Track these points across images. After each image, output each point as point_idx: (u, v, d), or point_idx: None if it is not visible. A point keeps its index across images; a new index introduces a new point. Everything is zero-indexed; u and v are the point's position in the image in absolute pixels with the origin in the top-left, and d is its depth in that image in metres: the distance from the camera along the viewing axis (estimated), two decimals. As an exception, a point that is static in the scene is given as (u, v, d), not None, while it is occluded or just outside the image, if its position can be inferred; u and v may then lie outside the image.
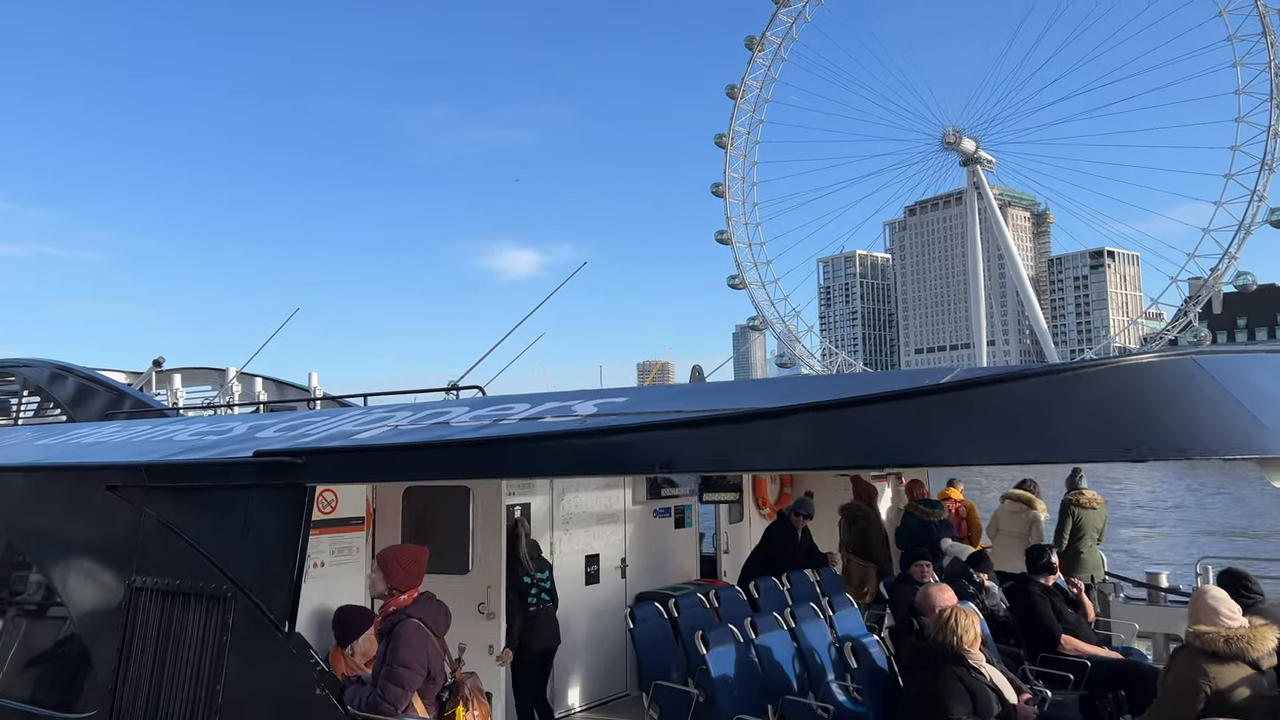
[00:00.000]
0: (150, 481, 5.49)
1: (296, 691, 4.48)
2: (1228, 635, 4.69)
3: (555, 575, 7.93)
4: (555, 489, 8.09)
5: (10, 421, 10.94)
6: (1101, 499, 9.54)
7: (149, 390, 11.53)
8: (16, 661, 6.10)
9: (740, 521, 10.03)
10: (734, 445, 3.95)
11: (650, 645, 6.61)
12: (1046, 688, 6.52)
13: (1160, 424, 3.56)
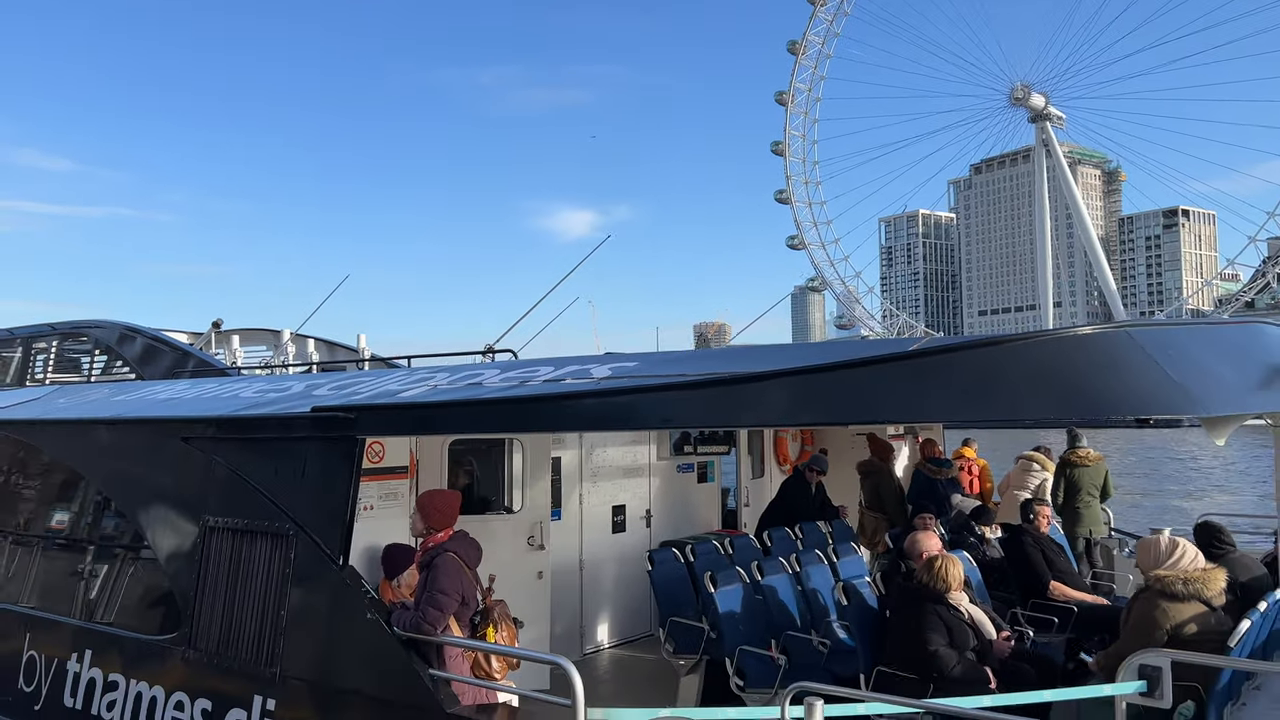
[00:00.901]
0: (219, 434, 6.32)
1: (350, 616, 5.29)
2: (1185, 577, 5.29)
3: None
4: (584, 444, 8.85)
5: (83, 378, 11.96)
6: (1098, 455, 10.06)
7: (209, 350, 12.48)
8: (107, 593, 7.04)
9: (762, 477, 10.73)
10: (726, 404, 4.63)
11: (667, 585, 7.38)
12: (1035, 630, 7.18)
13: (1092, 388, 4.15)
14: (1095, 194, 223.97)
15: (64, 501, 7.74)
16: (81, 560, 7.31)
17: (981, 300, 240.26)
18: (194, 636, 6.00)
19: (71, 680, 6.72)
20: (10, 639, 7.36)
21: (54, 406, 8.52)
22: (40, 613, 7.30)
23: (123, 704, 6.31)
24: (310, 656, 5.40)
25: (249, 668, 5.61)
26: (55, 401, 8.74)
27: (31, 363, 12.65)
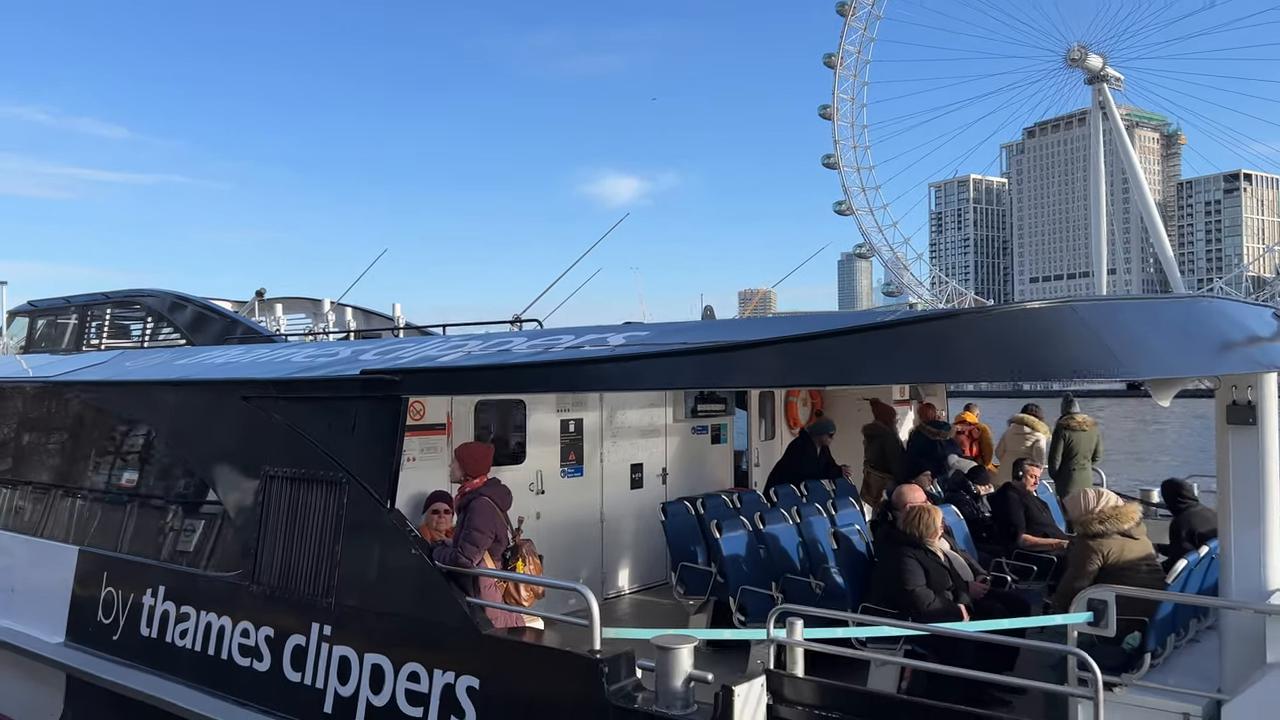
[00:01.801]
0: (277, 394, 7.24)
1: (397, 552, 6.18)
2: (1100, 516, 6.10)
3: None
4: (605, 407, 9.71)
5: (136, 344, 12.96)
6: (1091, 422, 10.80)
7: (252, 317, 13.45)
8: (177, 536, 8.04)
9: (773, 439, 11.56)
10: (721, 368, 5.45)
11: (678, 534, 8.26)
12: (1017, 577, 7.98)
13: (1038, 354, 4.90)
14: (1153, 158, 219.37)
15: (136, 455, 8.74)
16: (153, 508, 8.30)
17: (1033, 267, 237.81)
18: (257, 573, 6.95)
19: (147, 613, 7.71)
20: (90, 579, 8.38)
21: (121, 369, 9.50)
22: (117, 554, 8.31)
23: (194, 633, 7.28)
24: (361, 588, 6.31)
25: (307, 599, 6.54)
26: (122, 365, 9.72)
27: (87, 330, 13.66)
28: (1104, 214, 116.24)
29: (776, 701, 4.83)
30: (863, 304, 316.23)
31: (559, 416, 9.29)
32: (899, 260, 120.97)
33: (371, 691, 6.03)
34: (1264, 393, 5.58)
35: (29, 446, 10.03)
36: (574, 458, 9.43)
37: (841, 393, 11.77)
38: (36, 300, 15.00)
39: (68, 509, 9.12)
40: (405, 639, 6.00)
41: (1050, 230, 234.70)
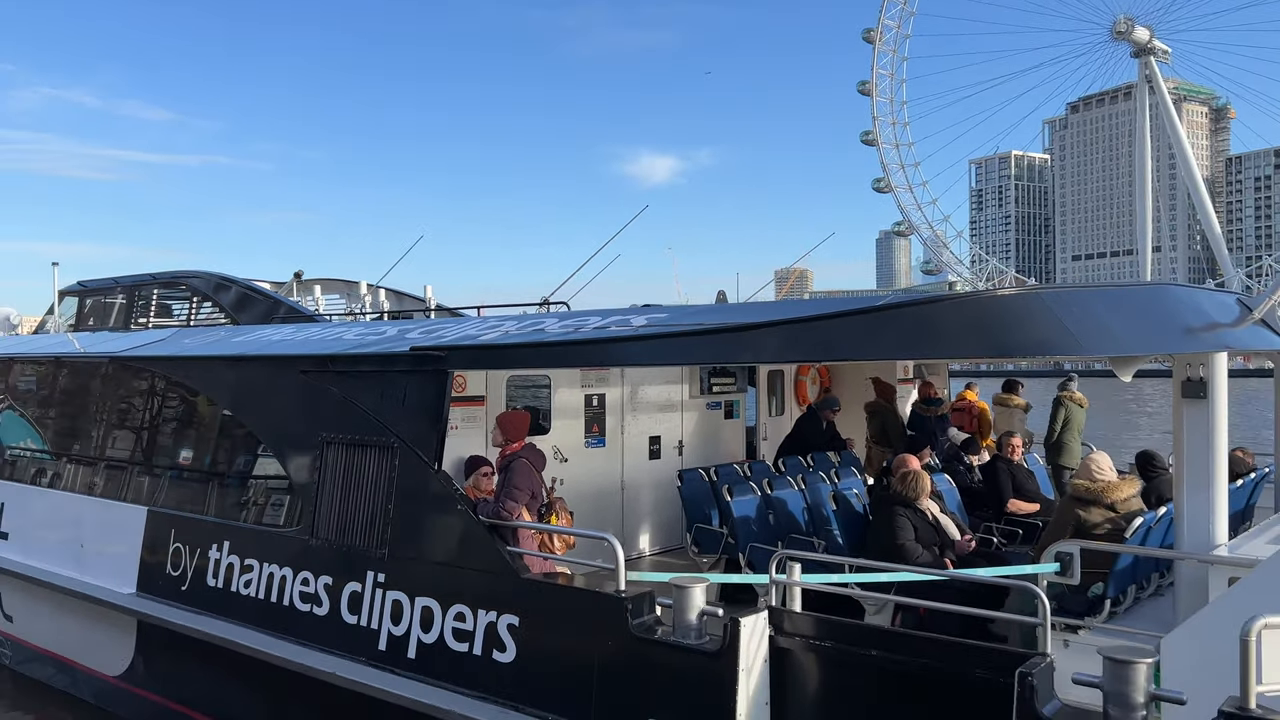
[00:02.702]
0: (333, 368, 8.05)
1: (445, 507, 6.99)
2: (1090, 485, 6.83)
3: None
4: (626, 383, 10.49)
5: (181, 323, 13.76)
6: (1084, 398, 11.56)
7: (291, 298, 14.26)
8: (240, 496, 8.89)
9: (782, 415, 12.33)
10: (731, 346, 6.23)
11: (693, 499, 9.06)
12: (1004, 540, 8.75)
13: (1008, 336, 5.64)
14: (1201, 132, 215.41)
15: (200, 424, 9.59)
16: (216, 472, 9.16)
17: (1076, 245, 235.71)
18: (315, 527, 7.78)
19: (213, 566, 8.57)
20: (158, 536, 9.24)
21: (181, 346, 10.34)
22: (184, 514, 9.16)
23: (258, 583, 8.13)
24: (412, 539, 7.12)
25: (362, 550, 7.36)
26: (181, 342, 10.56)
27: (135, 309, 14.46)
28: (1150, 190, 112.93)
29: (777, 633, 5.61)
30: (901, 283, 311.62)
31: (583, 391, 10.08)
32: (938, 238, 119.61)
33: (422, 630, 6.85)
34: (1214, 370, 6.32)
35: (95, 417, 10.89)
36: (597, 430, 10.22)
37: (849, 372, 12.53)
38: (85, 280, 15.81)
39: (136, 474, 9.98)
40: (452, 584, 6.80)
41: (1094, 207, 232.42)
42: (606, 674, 5.91)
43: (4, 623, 11.43)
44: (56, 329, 15.48)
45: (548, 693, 6.13)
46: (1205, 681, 4.21)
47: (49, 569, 10.29)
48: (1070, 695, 4.78)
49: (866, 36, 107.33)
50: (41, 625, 10.79)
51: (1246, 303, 6.86)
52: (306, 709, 7.66)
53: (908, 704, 5.23)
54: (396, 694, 6.65)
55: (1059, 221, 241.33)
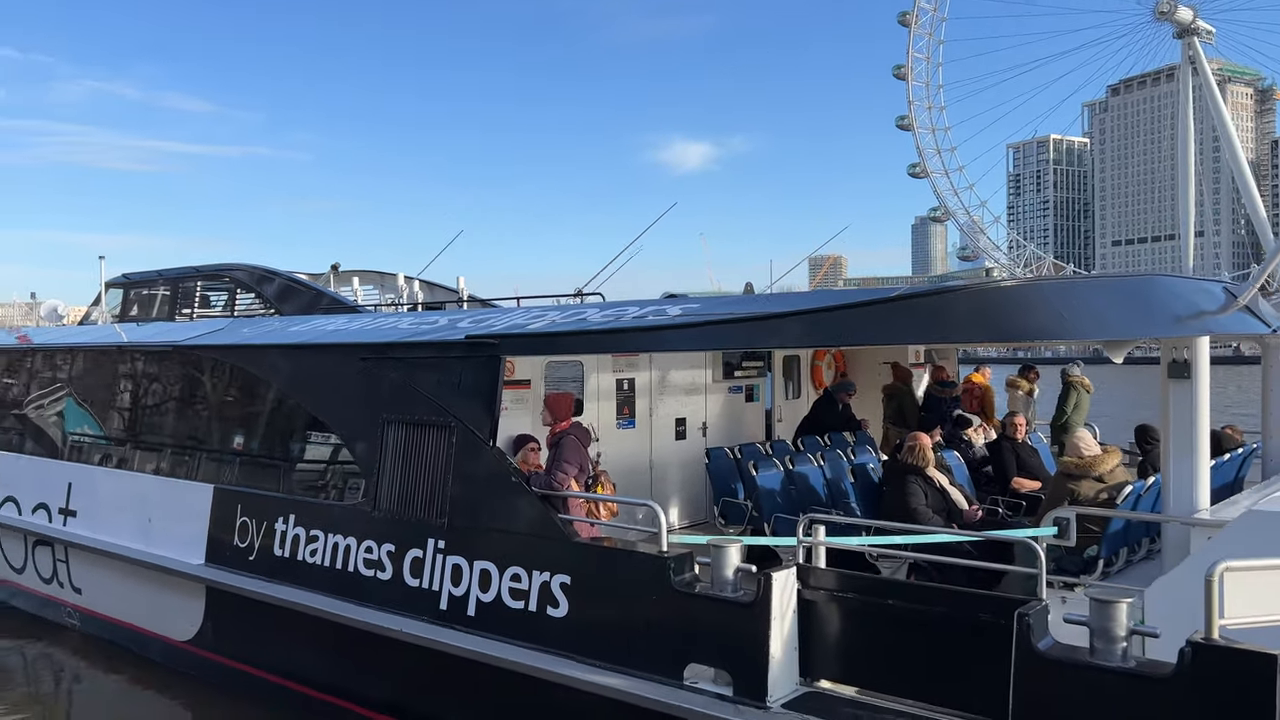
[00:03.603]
0: (391, 355, 8.78)
1: (500, 479, 7.71)
2: (1078, 460, 7.54)
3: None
4: (654, 368, 11.20)
5: (225, 314, 14.44)
6: (1091, 384, 12.29)
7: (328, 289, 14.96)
8: (306, 474, 9.63)
9: (799, 398, 13.05)
10: (759, 333, 6.94)
11: (720, 474, 9.79)
12: (1009, 511, 9.45)
13: (1009, 322, 6.34)
14: (1246, 114, 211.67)
15: (264, 408, 10.32)
16: (280, 452, 9.91)
17: (1116, 230, 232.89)
18: (377, 500, 8.51)
19: (279, 537, 9.31)
20: (225, 511, 9.98)
21: (241, 335, 11.06)
22: (250, 490, 9.91)
23: (323, 551, 8.87)
24: (471, 508, 7.84)
25: (423, 519, 8.09)
26: (239, 331, 11.28)
27: (179, 300, 15.16)
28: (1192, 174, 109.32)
29: (804, 587, 6.33)
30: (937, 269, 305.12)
31: (614, 376, 10.80)
32: (975, 224, 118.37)
33: (480, 590, 7.59)
34: (1197, 353, 7.00)
35: (160, 403, 11.65)
36: (627, 412, 10.94)
37: (863, 357, 13.23)
38: (130, 273, 16.54)
39: (202, 455, 10.74)
40: (508, 548, 7.51)
41: (1135, 191, 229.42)
42: (651, 625, 6.63)
43: (72, 594, 12.21)
44: (103, 320, 16.23)
45: (598, 643, 6.86)
46: (1182, 623, 4.91)
47: (118, 543, 11.06)
48: (1064, 638, 5.48)
49: (902, 20, 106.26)
50: (109, 595, 11.57)
51: (1233, 290, 7.53)
52: (371, 664, 8.40)
53: (921, 646, 5.94)
54: (460, 647, 7.39)
55: (1098, 206, 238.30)
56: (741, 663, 6.18)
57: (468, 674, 7.50)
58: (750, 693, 6.07)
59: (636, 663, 6.64)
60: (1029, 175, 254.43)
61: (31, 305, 22.72)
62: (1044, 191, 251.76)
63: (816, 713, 5.93)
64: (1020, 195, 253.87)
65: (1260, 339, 8.92)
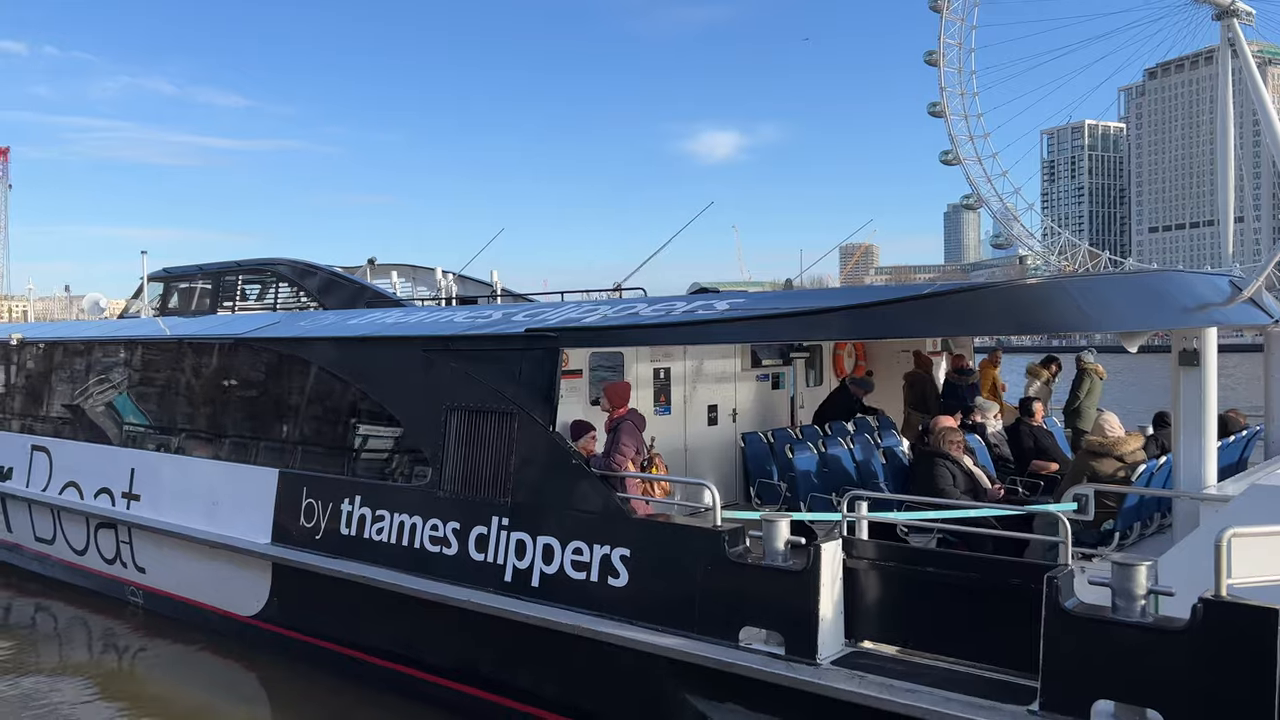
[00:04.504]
0: (453, 347, 9.39)
1: (562, 461, 8.33)
2: (1102, 440, 8.17)
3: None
4: (689, 358, 11.82)
5: (268, 308, 14.95)
6: (1104, 371, 12.97)
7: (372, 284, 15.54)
8: (368, 457, 10.26)
9: (820, 385, 13.71)
10: (804, 326, 7.57)
11: (755, 457, 10.42)
12: (1029, 492, 10.09)
13: (1037, 316, 6.96)
14: None
15: (327, 396, 10.94)
16: (343, 437, 10.54)
17: (1152, 216, 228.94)
18: (441, 481, 9.14)
19: (345, 517, 9.94)
20: (290, 493, 10.61)
21: (299, 328, 11.69)
22: (315, 473, 10.53)
23: (389, 530, 9.51)
24: (533, 488, 8.46)
25: (487, 499, 8.71)
26: (296, 324, 11.91)
27: (222, 294, 15.68)
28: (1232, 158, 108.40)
29: (848, 556, 6.97)
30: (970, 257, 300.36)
31: (652, 365, 11.42)
32: (1009, 211, 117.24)
33: (543, 563, 8.23)
34: (1205, 342, 7.63)
35: (221, 391, 12.25)
36: (664, 399, 11.56)
37: (881, 346, 13.86)
38: (170, 267, 17.11)
39: (265, 441, 11.36)
40: (570, 524, 8.14)
41: (1172, 177, 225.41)
42: (707, 592, 7.26)
43: (135, 573, 12.87)
44: (144, 313, 16.81)
45: (656, 609, 7.49)
46: (1192, 586, 5.54)
47: (185, 525, 11.70)
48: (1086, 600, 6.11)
49: (934, 5, 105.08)
50: (174, 574, 12.22)
51: (1237, 284, 8.14)
52: (437, 632, 9.04)
53: (956, 608, 6.58)
54: (527, 614, 8.03)
55: (1135, 192, 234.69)
56: (793, 625, 6.82)
57: (532, 639, 8.13)
58: (802, 652, 6.71)
59: (694, 626, 7.27)
60: (1063, 161, 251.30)
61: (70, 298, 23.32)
62: (1079, 178, 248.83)
63: (862, 669, 6.58)
64: (1054, 182, 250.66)
65: (1264, 329, 9.53)
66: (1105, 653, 5.65)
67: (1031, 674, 5.99)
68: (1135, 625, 5.57)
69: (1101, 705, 5.62)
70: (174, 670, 11.30)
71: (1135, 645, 5.55)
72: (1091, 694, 5.63)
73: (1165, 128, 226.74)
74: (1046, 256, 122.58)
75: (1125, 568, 5.65)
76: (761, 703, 6.93)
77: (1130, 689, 5.53)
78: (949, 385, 12.92)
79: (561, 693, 8.21)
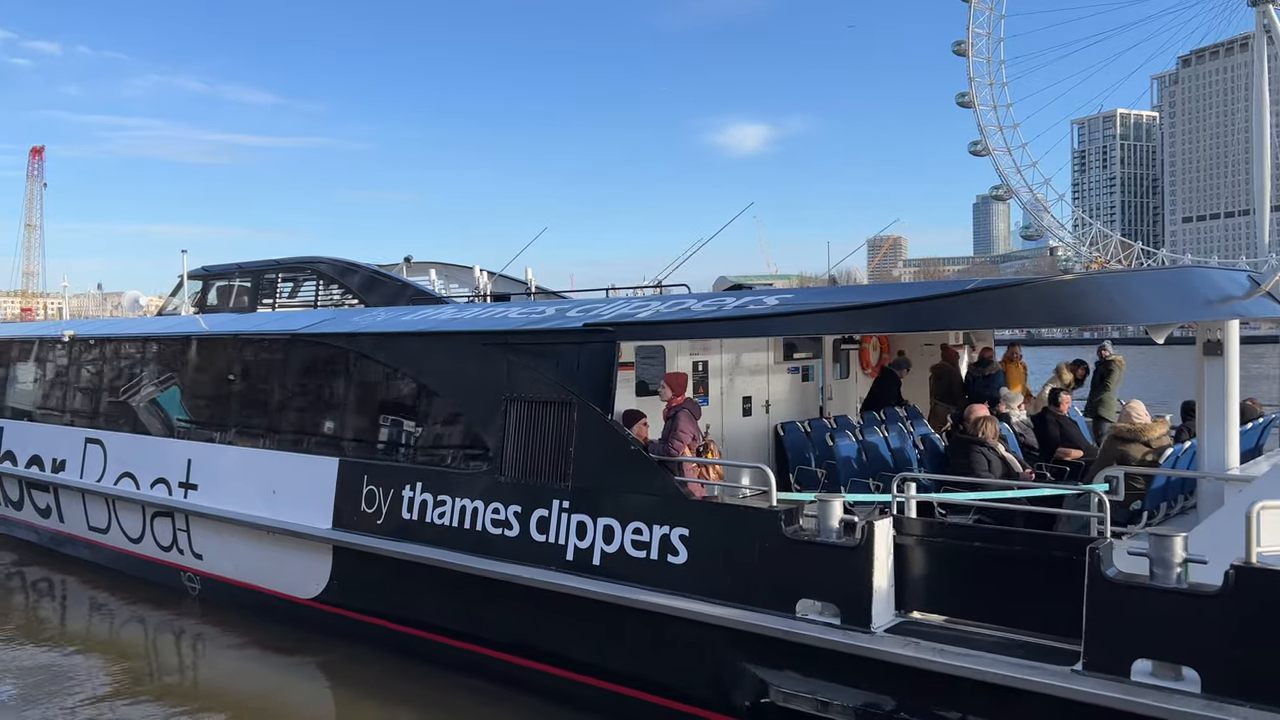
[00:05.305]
0: (511, 341, 9.89)
1: (619, 446, 8.83)
2: (1130, 426, 8.68)
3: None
4: (725, 351, 12.33)
5: (310, 306, 15.38)
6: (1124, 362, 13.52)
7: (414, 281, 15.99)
8: (428, 445, 10.75)
9: (847, 378, 14.24)
10: (854, 320, 8.09)
11: (794, 445, 10.94)
12: (1054, 477, 10.61)
13: (1070, 309, 7.47)
14: None
15: (386, 389, 11.45)
16: (404, 427, 11.04)
17: (1186, 206, 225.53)
18: (502, 466, 9.64)
19: (407, 502, 10.44)
20: (351, 481, 11.10)
21: (351, 323, 12.18)
22: (375, 461, 11.03)
23: (450, 514, 10.01)
24: (592, 472, 8.95)
25: (548, 483, 9.21)
26: (350, 320, 12.40)
27: (260, 291, 16.13)
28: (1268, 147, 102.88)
29: (899, 533, 7.48)
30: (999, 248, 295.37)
31: (691, 359, 11.93)
32: (1039, 202, 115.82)
33: (604, 543, 8.73)
34: (1229, 334, 8.14)
35: (277, 384, 12.73)
36: (702, 390, 12.07)
37: (906, 340, 14.37)
38: (209, 265, 17.59)
39: (325, 431, 11.86)
40: (629, 506, 8.63)
41: (1206, 166, 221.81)
42: (764, 568, 7.76)
43: (193, 559, 13.37)
44: (185, 310, 17.28)
45: (715, 584, 7.99)
46: (1219, 558, 6.05)
47: (245, 512, 12.20)
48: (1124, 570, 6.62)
49: None
50: (232, 560, 12.72)
51: (1256, 279, 8.65)
52: (499, 610, 9.55)
53: (1000, 579, 7.09)
54: (591, 590, 8.54)
55: (1168, 182, 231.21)
56: (848, 597, 7.33)
57: (596, 614, 8.64)
58: (857, 621, 7.23)
59: (751, 600, 7.78)
60: (1094, 151, 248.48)
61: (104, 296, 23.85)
62: (1110, 168, 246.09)
63: (915, 635, 7.09)
64: (1085, 172, 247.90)
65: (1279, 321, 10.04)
66: (1144, 616, 6.16)
67: (1070, 639, 6.50)
68: (1172, 591, 6.08)
69: (1140, 664, 6.13)
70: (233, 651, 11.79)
71: (1172, 609, 6.06)
72: (1131, 654, 6.15)
73: (1199, 116, 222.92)
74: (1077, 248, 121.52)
75: (1162, 538, 6.16)
76: (817, 669, 7.45)
77: (1167, 649, 6.04)
78: (969, 377, 13.45)
79: (624, 665, 8.71)
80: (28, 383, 17.61)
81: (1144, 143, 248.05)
